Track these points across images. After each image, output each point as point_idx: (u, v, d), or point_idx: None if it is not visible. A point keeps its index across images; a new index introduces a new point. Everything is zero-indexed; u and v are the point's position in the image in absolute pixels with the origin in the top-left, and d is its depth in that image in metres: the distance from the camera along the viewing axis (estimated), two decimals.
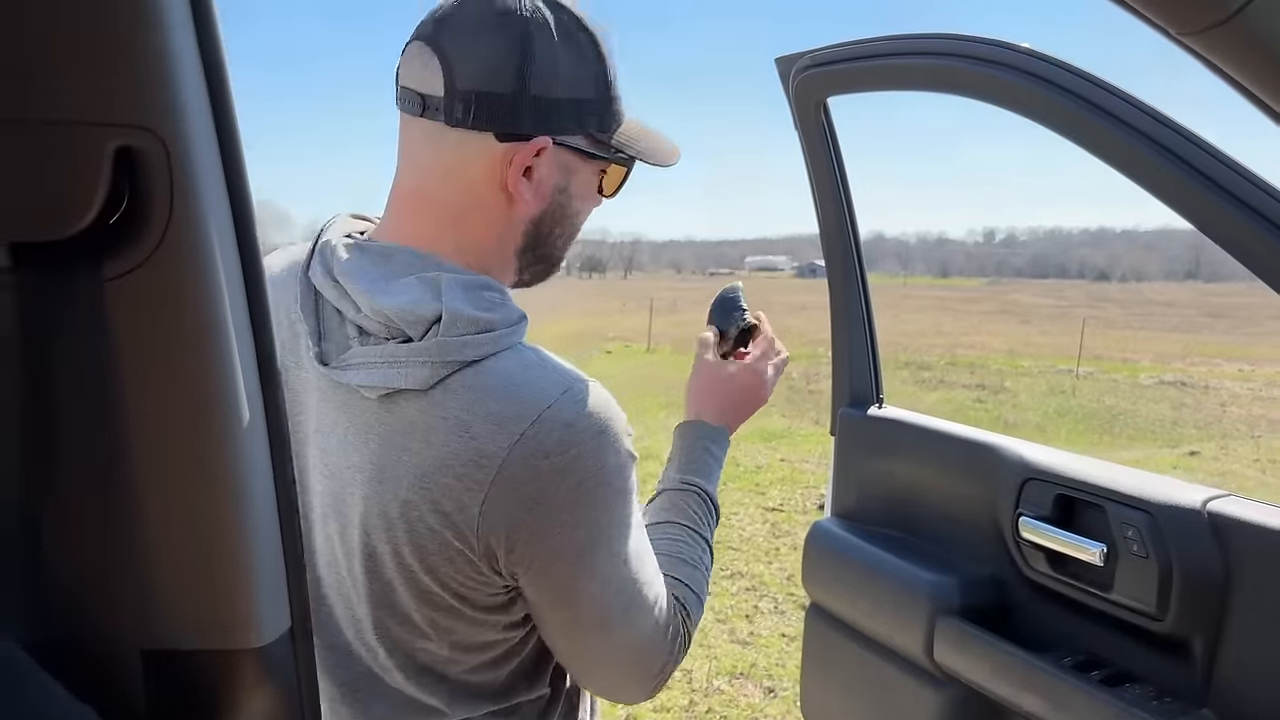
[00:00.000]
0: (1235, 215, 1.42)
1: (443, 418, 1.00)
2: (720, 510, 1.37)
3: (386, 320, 1.03)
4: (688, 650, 1.22)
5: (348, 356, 1.04)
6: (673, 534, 1.28)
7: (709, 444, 1.39)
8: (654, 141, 1.18)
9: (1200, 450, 11.81)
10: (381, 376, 1.01)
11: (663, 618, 1.15)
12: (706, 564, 1.28)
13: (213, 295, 0.63)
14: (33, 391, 0.64)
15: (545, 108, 1.04)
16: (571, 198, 1.13)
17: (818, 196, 2.34)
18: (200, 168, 0.62)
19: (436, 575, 1.03)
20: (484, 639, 1.11)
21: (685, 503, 1.32)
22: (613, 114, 1.10)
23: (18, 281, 0.62)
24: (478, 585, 1.04)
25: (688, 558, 1.26)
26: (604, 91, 1.08)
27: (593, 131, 1.09)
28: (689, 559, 1.26)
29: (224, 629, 0.67)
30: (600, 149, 1.11)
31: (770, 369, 1.49)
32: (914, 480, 2.21)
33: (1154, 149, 1.51)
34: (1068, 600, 1.81)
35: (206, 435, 0.65)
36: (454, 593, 1.05)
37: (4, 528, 0.66)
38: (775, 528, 7.24)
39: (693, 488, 1.33)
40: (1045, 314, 49.18)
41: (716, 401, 1.44)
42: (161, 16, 0.59)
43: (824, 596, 2.34)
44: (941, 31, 1.87)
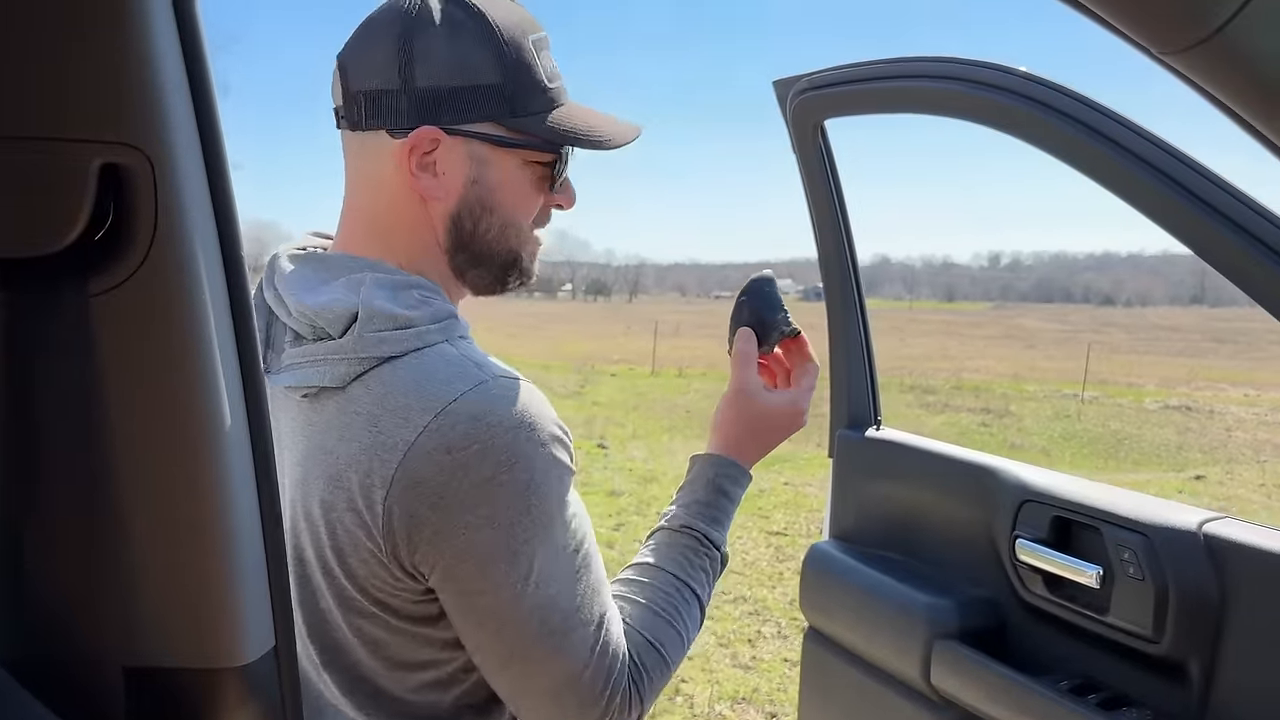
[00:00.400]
0: (1233, 240, 1.42)
1: (356, 414, 0.99)
2: (726, 560, 1.25)
3: (311, 320, 1.04)
4: (637, 714, 1.08)
5: (282, 359, 1.06)
6: (654, 580, 1.16)
7: (726, 484, 1.26)
8: (594, 123, 1.12)
9: (1206, 475, 11.76)
10: (304, 376, 1.02)
11: (601, 665, 1.03)
12: (687, 620, 1.15)
13: (198, 311, 0.63)
14: (16, 407, 0.64)
15: (432, 98, 1.04)
16: (489, 190, 1.09)
17: (815, 219, 2.34)
18: (185, 184, 0.62)
19: (355, 579, 1.01)
20: (421, 657, 1.07)
21: (678, 548, 1.20)
22: (529, 100, 1.07)
23: (3, 297, 0.62)
24: (394, 590, 1.01)
25: (662, 609, 1.13)
26: (513, 77, 1.05)
27: (502, 118, 1.06)
28: (663, 611, 1.13)
29: (207, 647, 0.67)
30: (517, 136, 1.08)
31: (810, 397, 1.34)
32: (912, 502, 2.20)
33: (1151, 173, 1.52)
34: (1064, 623, 1.80)
35: (191, 453, 0.65)
36: (373, 598, 1.02)
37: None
38: (779, 551, 7.22)
39: (692, 532, 1.21)
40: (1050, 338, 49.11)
41: (752, 434, 1.30)
42: (148, 35, 0.59)
43: (822, 620, 2.33)
44: (939, 55, 1.88)
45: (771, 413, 1.30)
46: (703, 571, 1.19)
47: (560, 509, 1.02)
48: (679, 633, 1.13)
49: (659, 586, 1.15)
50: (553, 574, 1.01)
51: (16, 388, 0.63)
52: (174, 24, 0.61)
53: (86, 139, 0.60)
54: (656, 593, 1.14)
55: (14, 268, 0.62)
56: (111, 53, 0.59)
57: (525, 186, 1.12)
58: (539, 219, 1.17)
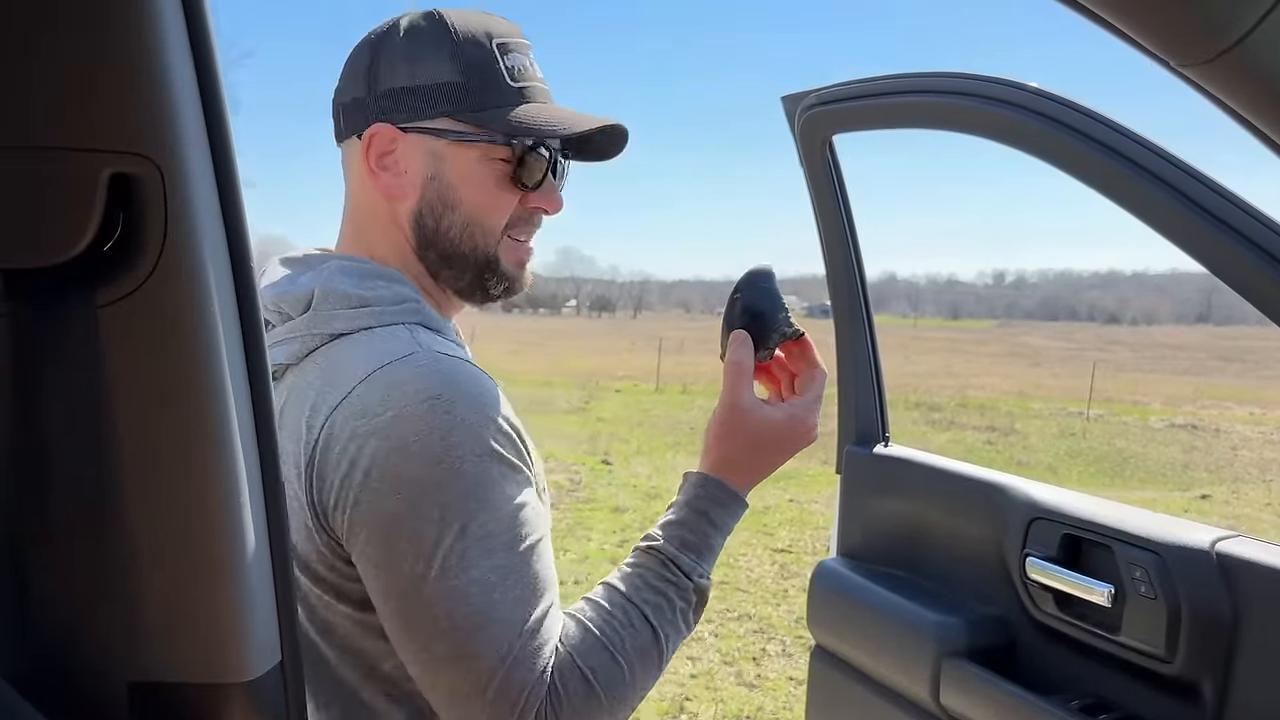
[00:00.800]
0: (1247, 257, 1.41)
1: (306, 386, 1.03)
2: (702, 592, 1.10)
3: (277, 306, 1.09)
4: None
5: None
6: (603, 600, 1.06)
7: (708, 506, 1.13)
8: (557, 118, 1.12)
9: (1212, 494, 11.72)
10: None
11: (512, 677, 0.95)
12: (629, 646, 1.02)
13: (207, 323, 0.63)
14: (23, 419, 0.63)
15: (390, 99, 1.09)
16: (449, 185, 1.12)
17: (823, 235, 2.34)
18: (195, 194, 0.62)
19: (297, 552, 1.01)
20: (364, 644, 1.05)
21: (639, 569, 1.09)
22: (486, 96, 1.09)
23: (10, 308, 0.62)
24: (328, 564, 1.01)
25: (601, 632, 1.02)
26: (470, 74, 1.08)
27: (458, 114, 1.09)
28: (602, 633, 1.02)
29: (213, 662, 0.66)
30: (472, 130, 1.10)
31: (818, 408, 1.20)
32: (920, 519, 2.19)
33: (1163, 189, 1.51)
34: (1075, 642, 1.78)
35: (198, 465, 0.64)
36: (312, 574, 1.03)
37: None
38: (784, 569, 7.19)
39: (658, 554, 1.09)
40: (1055, 356, 49.06)
41: (747, 454, 1.16)
42: (159, 44, 0.59)
43: (829, 638, 2.31)
44: (948, 70, 1.88)
45: (772, 429, 1.16)
46: (660, 596, 1.06)
47: (483, 495, 0.98)
48: (615, 658, 1.01)
49: (605, 607, 1.05)
50: (464, 563, 0.96)
51: (23, 399, 0.63)
52: (185, 33, 0.61)
53: (96, 148, 0.60)
54: (600, 613, 1.04)
55: (22, 277, 0.61)
56: (123, 62, 0.59)
57: (487, 183, 1.12)
58: (518, 221, 1.17)
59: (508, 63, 1.11)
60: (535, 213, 1.18)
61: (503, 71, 1.10)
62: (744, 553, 7.57)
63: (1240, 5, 0.68)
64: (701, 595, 1.10)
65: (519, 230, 1.18)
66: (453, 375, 1.00)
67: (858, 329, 2.36)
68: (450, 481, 0.96)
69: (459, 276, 1.17)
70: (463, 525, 0.96)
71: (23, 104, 0.59)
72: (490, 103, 1.10)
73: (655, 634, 1.04)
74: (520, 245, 1.18)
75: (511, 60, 1.11)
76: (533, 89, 1.13)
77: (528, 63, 1.14)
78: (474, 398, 1.00)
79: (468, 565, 0.96)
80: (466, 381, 1.01)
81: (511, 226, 1.16)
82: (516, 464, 1.02)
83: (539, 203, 1.17)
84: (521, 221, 1.17)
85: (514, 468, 1.01)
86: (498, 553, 0.98)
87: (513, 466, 1.01)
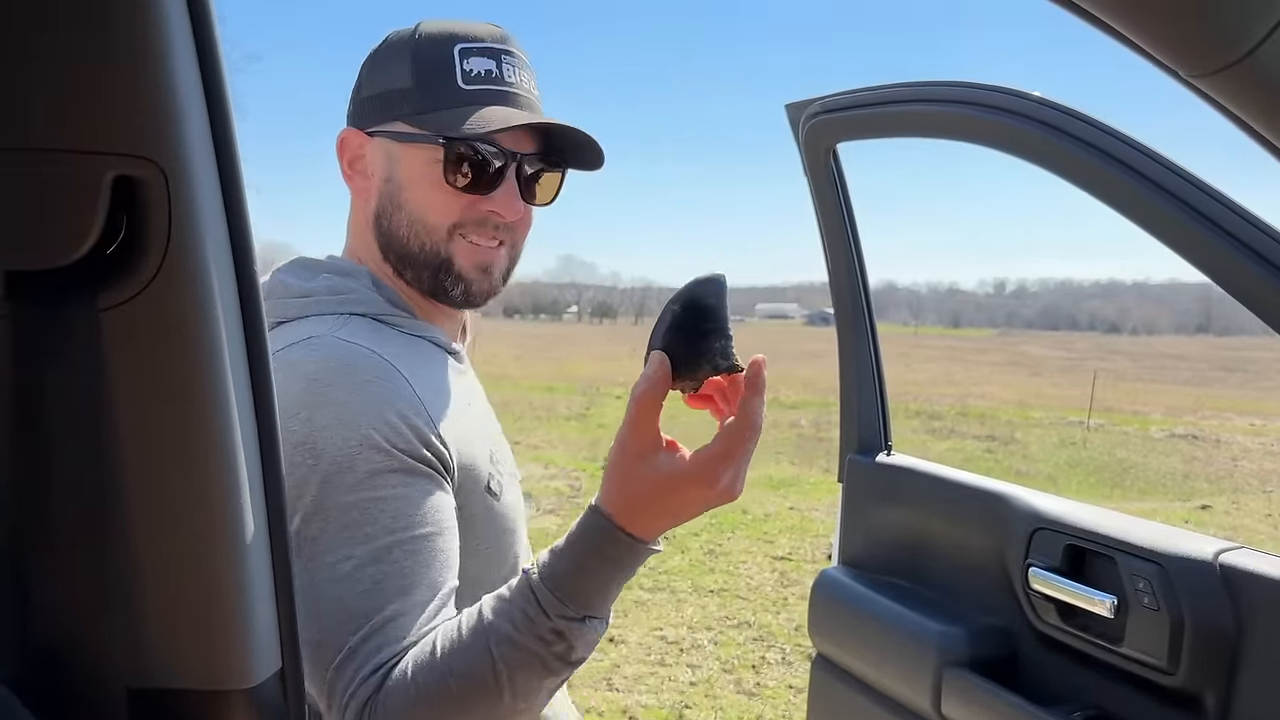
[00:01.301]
0: (1251, 267, 1.41)
1: None
2: (562, 633, 0.96)
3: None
4: None
5: None
6: (467, 617, 1.00)
7: (603, 547, 0.98)
8: (489, 117, 1.11)
9: (1212, 504, 11.69)
10: None
11: (344, 667, 0.95)
12: (461, 673, 0.95)
13: (210, 327, 0.62)
14: (25, 422, 0.63)
15: (361, 107, 1.18)
16: (399, 186, 1.16)
17: (827, 243, 2.33)
18: (200, 197, 0.62)
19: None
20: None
21: (511, 596, 0.99)
22: (436, 99, 1.12)
23: (13, 310, 0.61)
24: None
25: (444, 648, 0.97)
26: (422, 80, 1.12)
27: (408, 117, 1.14)
28: (444, 650, 0.97)
29: (214, 668, 0.66)
30: (417, 132, 1.13)
31: (742, 462, 0.97)
32: (922, 528, 2.19)
33: (1166, 198, 1.51)
34: (1078, 653, 1.78)
35: (200, 470, 0.64)
36: None
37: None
38: (784, 577, 7.18)
39: (526, 584, 0.98)
40: (1056, 365, 49.03)
41: (641, 503, 0.98)
42: (163, 47, 0.59)
43: (830, 647, 2.30)
44: (952, 79, 1.88)
45: (667, 485, 0.96)
46: (512, 626, 0.96)
47: (346, 482, 0.97)
48: (444, 680, 0.95)
49: (461, 624, 0.99)
50: (317, 548, 0.96)
51: (26, 402, 0.62)
52: (190, 35, 0.60)
53: (100, 151, 0.60)
54: (453, 629, 0.99)
55: (25, 280, 0.61)
56: (127, 64, 0.58)
57: (427, 183, 1.14)
58: (471, 223, 1.16)
59: (466, 66, 1.12)
60: (489, 216, 1.16)
61: (457, 75, 1.12)
62: (744, 560, 7.56)
63: (1251, 16, 0.67)
64: (562, 635, 0.96)
65: (473, 233, 1.17)
66: (343, 359, 1.01)
67: (860, 337, 2.35)
68: (307, 463, 0.96)
69: (418, 278, 1.18)
70: (318, 509, 0.96)
71: (27, 106, 0.59)
72: (435, 105, 1.12)
73: (494, 666, 0.95)
74: (478, 248, 1.17)
75: (472, 64, 1.12)
76: (488, 92, 1.13)
77: (494, 66, 1.14)
78: (358, 385, 1.00)
79: (321, 550, 0.96)
80: (356, 368, 1.01)
81: (463, 228, 1.16)
82: (398, 455, 1.00)
83: (490, 205, 1.15)
84: (475, 224, 1.16)
85: (391, 458, 0.99)
86: (356, 544, 0.96)
87: (389, 456, 0.99)
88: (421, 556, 0.99)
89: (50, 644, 0.65)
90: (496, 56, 1.14)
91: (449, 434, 1.08)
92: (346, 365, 1.01)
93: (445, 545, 1.03)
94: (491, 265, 1.19)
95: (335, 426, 0.97)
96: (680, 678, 5.12)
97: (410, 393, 1.04)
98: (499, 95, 1.13)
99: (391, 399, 1.01)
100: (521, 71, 1.16)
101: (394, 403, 1.01)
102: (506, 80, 1.14)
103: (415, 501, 1.00)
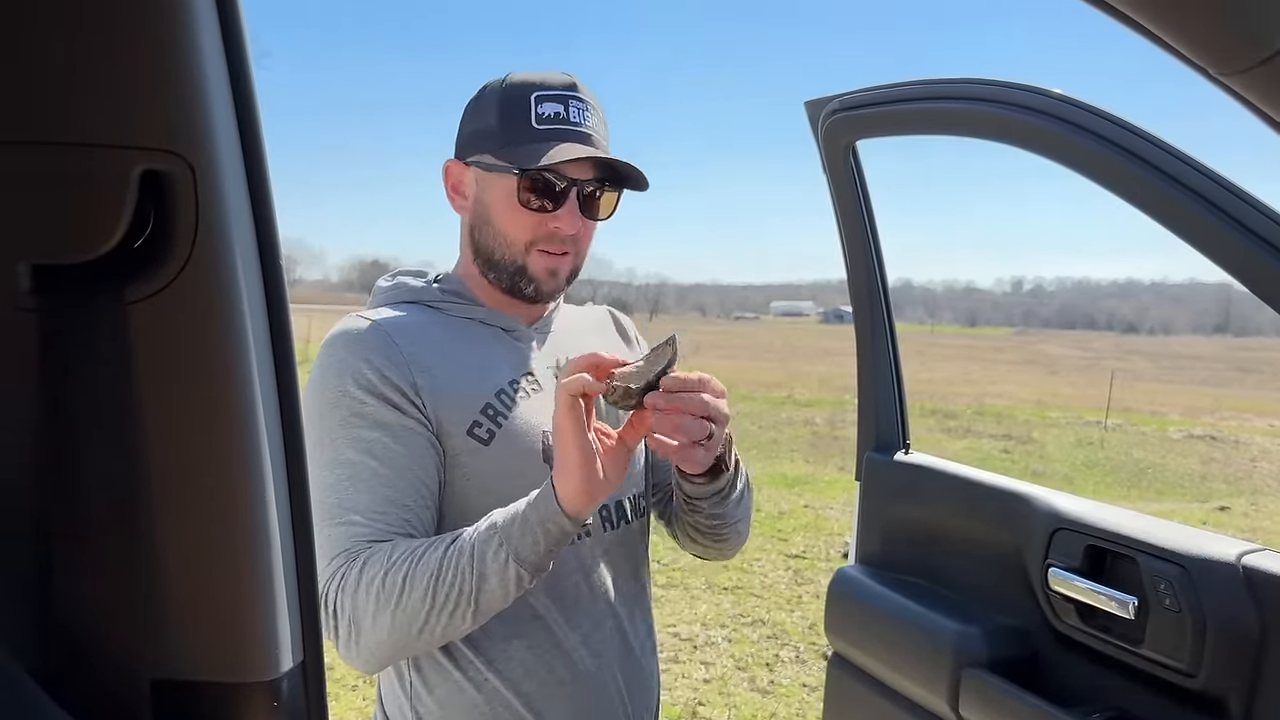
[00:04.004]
0: (1276, 266, 1.40)
1: None
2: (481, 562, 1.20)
3: None
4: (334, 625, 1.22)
5: None
6: (433, 543, 1.23)
7: (538, 503, 1.22)
8: (552, 152, 1.34)
9: (1230, 506, 11.62)
10: None
11: (332, 546, 1.25)
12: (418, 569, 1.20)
13: (236, 322, 0.62)
14: (52, 415, 0.63)
15: (462, 141, 1.46)
16: (486, 206, 1.42)
17: (846, 241, 2.33)
18: (227, 192, 0.62)
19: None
20: None
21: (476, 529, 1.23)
22: (513, 136, 1.37)
23: (40, 303, 0.61)
24: None
25: (412, 554, 1.21)
26: (505, 121, 1.37)
27: (493, 150, 1.39)
28: (401, 553, 1.21)
29: (235, 661, 0.66)
30: (498, 163, 1.38)
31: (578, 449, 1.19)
32: (940, 527, 2.18)
33: (1189, 195, 1.50)
34: (1098, 654, 1.77)
35: (225, 464, 0.64)
36: None
37: (18, 555, 0.65)
38: (798, 575, 7.17)
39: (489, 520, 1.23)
40: (1073, 365, 48.78)
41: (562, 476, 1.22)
42: (192, 41, 0.59)
43: (846, 646, 2.30)
44: (972, 76, 1.87)
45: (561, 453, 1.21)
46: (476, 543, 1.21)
47: (326, 414, 1.29)
48: (389, 572, 1.20)
49: (433, 542, 1.24)
50: (311, 464, 1.19)
51: (52, 395, 0.63)
52: (218, 31, 0.60)
53: (129, 145, 0.60)
54: (421, 548, 1.23)
55: (52, 273, 0.61)
56: (155, 59, 0.58)
57: (506, 204, 1.39)
58: (542, 237, 1.40)
59: (540, 110, 1.37)
60: (556, 231, 1.39)
61: (531, 117, 1.37)
62: (758, 558, 7.55)
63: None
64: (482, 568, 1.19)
65: (545, 243, 1.41)
66: (347, 325, 1.36)
67: (879, 335, 2.35)
68: (310, 400, 1.31)
69: (500, 278, 1.45)
70: (312, 436, 1.29)
71: (54, 100, 0.59)
72: (513, 141, 1.37)
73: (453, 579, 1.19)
74: (549, 256, 1.42)
75: (544, 108, 1.37)
76: (556, 130, 1.37)
77: (562, 109, 1.38)
78: (349, 341, 1.33)
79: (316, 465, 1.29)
80: (355, 330, 1.35)
81: (538, 243, 1.41)
82: (365, 400, 1.29)
83: (555, 222, 1.39)
84: (545, 238, 1.40)
85: (360, 403, 1.29)
86: (324, 468, 1.28)
87: (359, 402, 1.29)
88: (358, 482, 1.28)
89: (73, 634, 0.66)
90: (565, 101, 1.38)
91: (424, 382, 1.33)
92: (351, 330, 1.35)
93: (382, 471, 1.29)
94: (559, 269, 1.43)
95: (330, 377, 1.31)
96: (694, 675, 5.13)
97: (395, 351, 1.33)
98: (565, 133, 1.37)
99: (371, 353, 1.31)
100: (586, 112, 1.40)
101: (372, 358, 1.31)
102: (572, 121, 1.38)
103: (367, 439, 1.29)
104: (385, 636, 1.21)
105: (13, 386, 0.63)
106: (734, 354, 45.78)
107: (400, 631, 1.20)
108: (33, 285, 0.61)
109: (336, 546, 1.25)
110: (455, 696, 1.35)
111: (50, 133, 0.60)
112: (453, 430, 1.35)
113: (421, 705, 1.37)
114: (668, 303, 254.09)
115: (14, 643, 0.63)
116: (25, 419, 0.63)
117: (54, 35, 0.58)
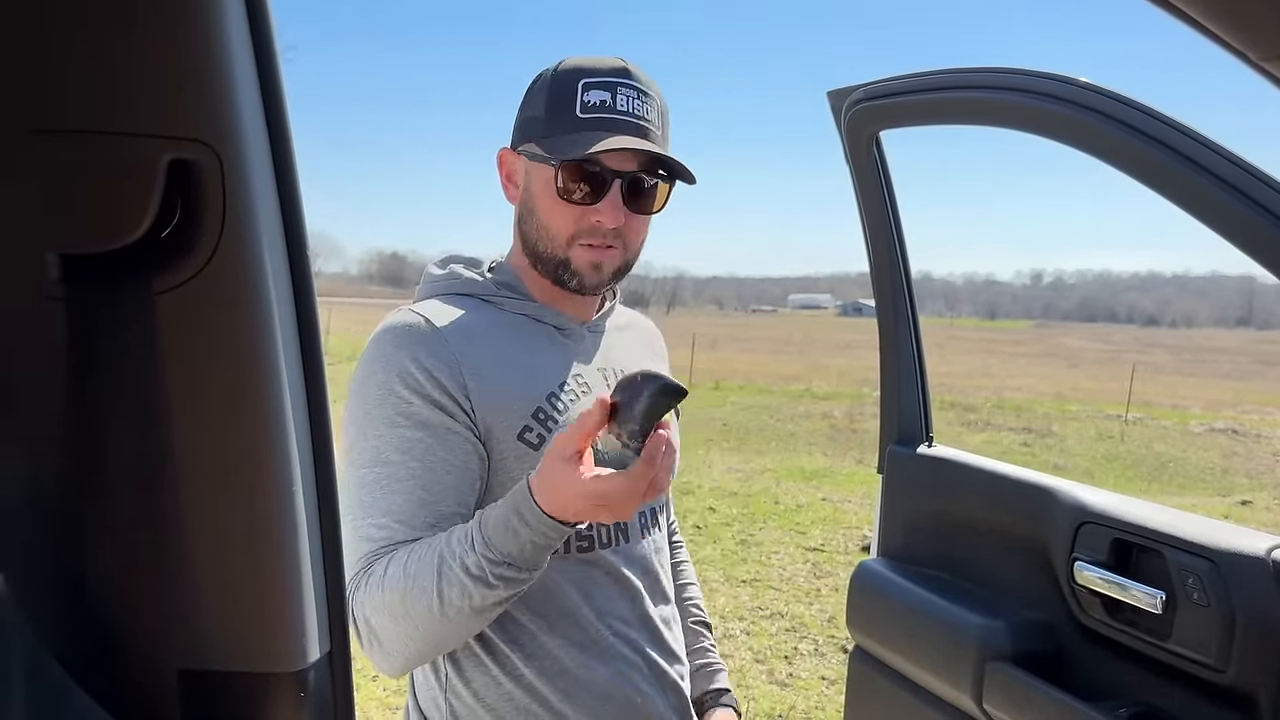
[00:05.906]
0: None
1: None
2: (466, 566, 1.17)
3: None
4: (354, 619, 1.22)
5: None
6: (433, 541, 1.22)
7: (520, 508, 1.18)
8: (589, 141, 1.30)
9: (1253, 500, 11.53)
10: None
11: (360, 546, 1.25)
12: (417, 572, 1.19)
13: (262, 310, 0.62)
14: (80, 404, 0.63)
15: (516, 129, 1.43)
16: (532, 196, 1.39)
17: (869, 232, 2.31)
18: (254, 182, 0.62)
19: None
20: None
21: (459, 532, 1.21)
22: (558, 125, 1.33)
23: (68, 292, 0.61)
24: None
25: (412, 554, 1.21)
26: (551, 110, 1.34)
27: (538, 139, 1.35)
28: (411, 554, 1.21)
29: (262, 651, 0.66)
30: (542, 154, 1.35)
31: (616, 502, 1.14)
32: (964, 521, 2.16)
33: (1219, 185, 1.48)
34: (1124, 648, 1.75)
35: (252, 454, 0.64)
36: None
37: (47, 544, 0.65)
38: (816, 568, 7.16)
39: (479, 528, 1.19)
40: (1093, 358, 48.52)
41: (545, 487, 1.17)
42: (220, 32, 0.58)
43: (868, 639, 2.29)
44: (997, 65, 1.85)
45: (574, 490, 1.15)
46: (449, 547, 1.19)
47: (370, 410, 1.27)
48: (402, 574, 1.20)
49: (429, 543, 1.23)
50: (351, 459, 1.28)
51: (80, 383, 0.63)
52: (246, 21, 0.60)
53: (157, 134, 0.60)
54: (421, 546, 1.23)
55: (80, 262, 0.61)
56: (184, 49, 0.58)
57: (550, 195, 1.35)
58: (584, 230, 1.36)
59: (585, 98, 1.32)
60: (597, 225, 1.35)
61: (577, 105, 1.32)
62: (776, 551, 7.54)
63: None
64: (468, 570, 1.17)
65: (587, 236, 1.36)
66: (398, 320, 1.33)
67: (902, 328, 2.33)
68: (355, 394, 1.30)
69: (545, 270, 1.41)
70: (355, 429, 1.29)
71: (83, 90, 0.59)
72: (557, 130, 1.33)
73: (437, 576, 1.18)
74: (592, 249, 1.37)
75: (590, 96, 1.32)
76: (599, 119, 1.32)
77: (609, 97, 1.32)
78: (398, 337, 1.30)
79: (353, 462, 1.29)
80: (406, 325, 1.31)
81: (580, 236, 1.36)
82: (410, 400, 1.26)
83: (596, 215, 1.34)
84: (587, 232, 1.36)
85: (406, 403, 1.26)
86: (367, 458, 1.27)
87: (404, 401, 1.26)
88: (393, 483, 1.26)
89: (103, 623, 0.66)
90: (612, 89, 1.33)
91: (474, 384, 1.30)
92: (398, 324, 1.31)
93: (420, 473, 1.27)
94: (603, 263, 1.39)
95: (375, 373, 1.28)
96: None
97: (446, 350, 1.30)
98: (609, 122, 1.32)
99: (417, 349, 1.28)
100: (636, 100, 1.34)
101: (418, 355, 1.28)
102: (619, 109, 1.32)
103: (408, 438, 1.26)
104: (401, 644, 1.22)
105: (41, 376, 0.63)
106: (752, 346, 45.75)
107: (411, 639, 1.21)
108: (60, 275, 0.61)
109: (362, 548, 1.24)
110: (490, 689, 1.35)
111: (78, 122, 0.60)
112: (502, 435, 1.32)
113: (455, 697, 1.37)
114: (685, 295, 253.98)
115: (43, 631, 0.63)
116: (53, 409, 0.63)
117: (83, 27, 0.58)
